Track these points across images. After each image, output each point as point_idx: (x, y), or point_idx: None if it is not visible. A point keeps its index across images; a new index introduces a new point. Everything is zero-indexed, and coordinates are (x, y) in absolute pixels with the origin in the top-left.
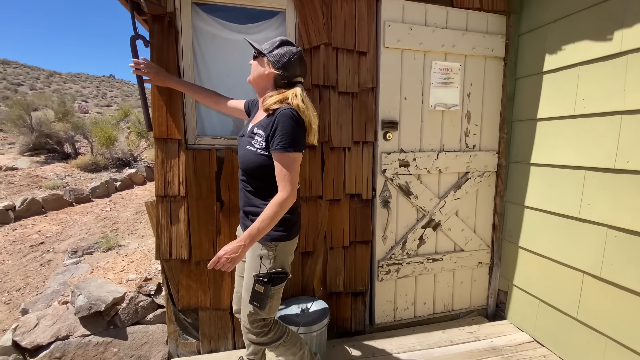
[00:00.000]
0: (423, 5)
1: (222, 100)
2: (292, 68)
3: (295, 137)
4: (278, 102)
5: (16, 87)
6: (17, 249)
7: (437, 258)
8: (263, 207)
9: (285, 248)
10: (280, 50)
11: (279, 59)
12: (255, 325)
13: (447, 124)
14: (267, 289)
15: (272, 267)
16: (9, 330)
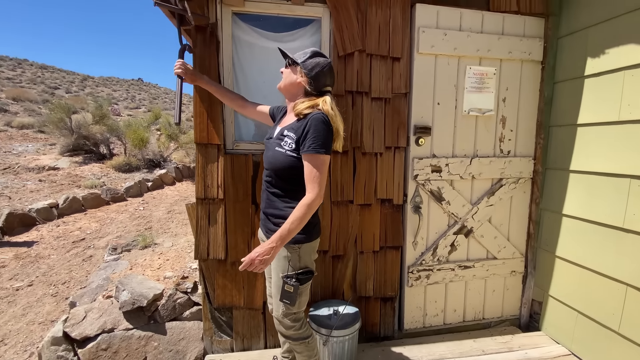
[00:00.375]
0: (458, 10)
1: (247, 104)
2: (323, 78)
3: (326, 140)
4: (309, 108)
5: (53, 90)
6: (61, 245)
7: (468, 265)
8: (286, 209)
9: (308, 249)
10: (313, 61)
11: (311, 69)
12: (288, 318)
13: (481, 129)
14: (297, 288)
15: (298, 268)
16: (59, 322)
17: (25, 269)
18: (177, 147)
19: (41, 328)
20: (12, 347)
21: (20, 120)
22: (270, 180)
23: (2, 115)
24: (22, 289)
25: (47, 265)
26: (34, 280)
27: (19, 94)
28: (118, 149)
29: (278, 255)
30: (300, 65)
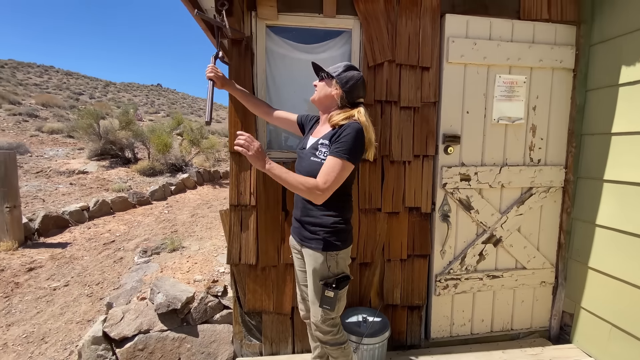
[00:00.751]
0: (488, 19)
1: (271, 111)
2: (357, 90)
3: (354, 148)
4: (346, 119)
5: (78, 96)
6: (92, 246)
7: (497, 275)
8: (322, 217)
9: (344, 254)
10: (347, 74)
11: (346, 82)
12: (326, 323)
13: (510, 137)
14: (336, 293)
15: (336, 274)
16: (98, 322)
17: (61, 270)
18: (198, 152)
19: (79, 327)
20: (53, 345)
21: (50, 126)
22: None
23: (33, 121)
24: (59, 288)
25: (81, 266)
26: (70, 280)
27: (48, 99)
28: (142, 153)
29: (316, 262)
30: (335, 78)
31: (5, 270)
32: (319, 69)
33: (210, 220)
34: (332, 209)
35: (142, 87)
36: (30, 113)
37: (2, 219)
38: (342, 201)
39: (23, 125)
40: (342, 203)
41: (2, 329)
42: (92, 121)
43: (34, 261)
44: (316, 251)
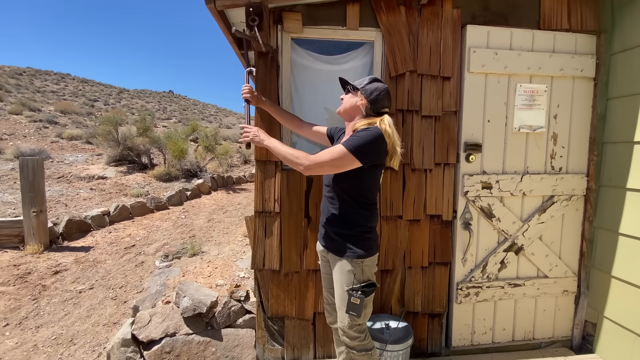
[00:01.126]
0: (508, 30)
1: (303, 125)
2: (381, 101)
3: (363, 145)
4: (367, 124)
5: (93, 102)
6: (114, 250)
7: (518, 283)
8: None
9: (370, 262)
10: (372, 86)
11: (371, 93)
12: (353, 329)
13: (531, 146)
14: (362, 300)
15: (362, 281)
16: (126, 324)
17: (86, 273)
18: (212, 158)
19: (105, 330)
20: (81, 347)
21: (69, 132)
22: (332, 195)
23: (53, 127)
24: (85, 291)
25: (105, 270)
26: (94, 283)
27: (66, 106)
28: (157, 159)
29: (342, 270)
30: (360, 90)
31: (32, 273)
32: (346, 82)
33: (227, 225)
34: (357, 216)
35: (155, 93)
36: (50, 120)
37: (29, 223)
38: (366, 209)
39: (44, 131)
40: (367, 211)
41: (32, 331)
42: (111, 128)
43: (60, 264)
44: (342, 258)
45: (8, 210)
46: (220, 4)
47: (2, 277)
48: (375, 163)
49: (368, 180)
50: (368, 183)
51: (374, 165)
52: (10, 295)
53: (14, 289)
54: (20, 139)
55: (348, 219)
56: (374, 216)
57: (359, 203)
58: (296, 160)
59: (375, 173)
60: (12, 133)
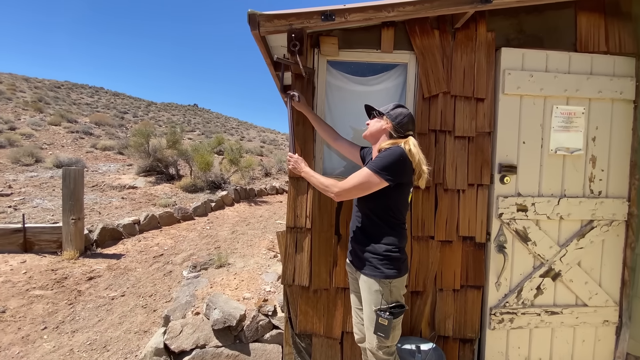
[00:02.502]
0: (544, 52)
1: (339, 139)
2: (406, 124)
3: (386, 165)
4: (391, 144)
5: (123, 115)
6: (144, 259)
7: (556, 311)
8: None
9: (398, 283)
10: (397, 111)
11: (395, 117)
12: (382, 351)
13: (569, 168)
14: (390, 321)
15: (390, 302)
16: (159, 334)
17: (117, 280)
18: (236, 170)
19: (137, 337)
20: (114, 354)
21: (103, 143)
22: (360, 214)
23: (88, 138)
24: (117, 298)
25: (135, 278)
26: (126, 291)
27: (100, 118)
28: (184, 170)
29: (369, 290)
30: (385, 114)
31: (68, 278)
32: (371, 108)
33: (250, 237)
34: (385, 236)
35: (180, 107)
36: (85, 131)
37: (68, 229)
38: (393, 228)
39: (80, 142)
40: (394, 230)
41: (68, 335)
42: (142, 140)
43: (93, 270)
44: (370, 277)
45: (47, 216)
46: (264, 30)
47: (41, 281)
48: (400, 182)
49: (395, 199)
50: (395, 202)
51: (400, 184)
52: (49, 299)
53: (52, 293)
54: (58, 148)
55: (375, 237)
56: (402, 236)
57: (386, 222)
58: (326, 189)
59: (402, 192)
60: (52, 143)
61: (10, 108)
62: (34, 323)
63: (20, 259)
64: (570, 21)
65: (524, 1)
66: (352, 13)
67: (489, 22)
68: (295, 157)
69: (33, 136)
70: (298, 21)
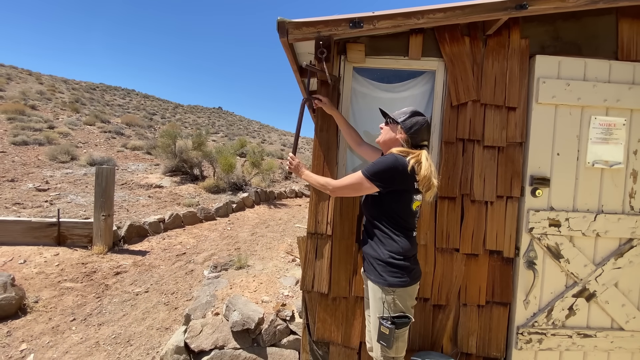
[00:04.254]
0: (582, 60)
1: (363, 144)
2: (420, 134)
3: (377, 170)
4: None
5: (151, 116)
6: (167, 257)
7: (589, 334)
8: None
9: (404, 293)
10: (412, 120)
11: (410, 127)
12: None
13: (607, 183)
14: (392, 331)
15: (393, 311)
16: (179, 332)
17: (142, 276)
18: (257, 173)
19: (159, 334)
20: (137, 349)
21: (133, 143)
22: (366, 221)
23: (119, 138)
24: (141, 294)
25: (158, 275)
26: (149, 287)
27: (131, 119)
28: (207, 171)
29: (374, 297)
30: (400, 124)
31: (97, 272)
32: (386, 114)
33: (269, 240)
34: (388, 241)
35: (205, 109)
36: (117, 131)
37: (98, 225)
38: (397, 235)
39: (111, 141)
40: (399, 237)
41: (95, 328)
42: (170, 141)
43: (120, 266)
44: (375, 284)
45: (80, 211)
46: (292, 38)
47: (72, 273)
48: (392, 189)
49: (392, 205)
50: (395, 208)
51: (395, 191)
52: (78, 292)
53: (81, 286)
54: (92, 147)
55: (379, 243)
56: (408, 244)
57: (389, 229)
58: (323, 186)
59: (400, 199)
60: (86, 142)
61: (50, 108)
62: (64, 314)
63: (53, 252)
64: (611, 28)
65: (561, 7)
66: (380, 20)
67: (523, 28)
68: (297, 161)
69: (69, 135)
70: (326, 29)
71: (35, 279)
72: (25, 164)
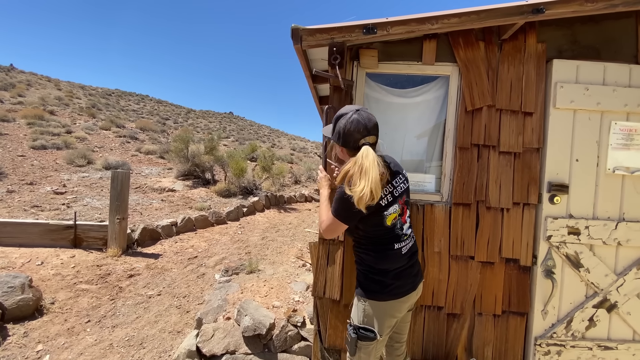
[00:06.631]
0: (601, 64)
1: None
2: (349, 136)
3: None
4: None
5: (165, 121)
6: (179, 260)
7: (610, 346)
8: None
9: (377, 308)
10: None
11: (339, 137)
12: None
13: (629, 190)
14: (354, 340)
15: (360, 322)
16: (191, 336)
17: (155, 279)
18: (267, 177)
19: (171, 337)
20: (149, 352)
21: (147, 147)
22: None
23: (133, 142)
24: (153, 297)
25: (171, 278)
26: (162, 290)
27: (145, 124)
28: (218, 175)
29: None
30: (332, 139)
31: (111, 275)
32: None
33: (279, 244)
34: (364, 256)
35: (217, 114)
36: (131, 135)
37: (113, 228)
38: (373, 250)
39: (126, 145)
40: (374, 252)
41: (109, 330)
42: (182, 146)
43: (133, 268)
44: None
45: (95, 214)
46: (306, 44)
47: (87, 275)
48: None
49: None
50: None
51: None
52: (93, 294)
53: (96, 288)
54: (108, 151)
55: (359, 256)
56: (387, 258)
57: (364, 245)
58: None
59: (367, 223)
60: (102, 146)
61: (68, 113)
62: (79, 316)
63: (70, 254)
64: (631, 31)
65: (579, 11)
66: (394, 26)
67: (540, 32)
68: (322, 175)
69: (86, 139)
70: (339, 35)
71: (52, 280)
72: (44, 168)
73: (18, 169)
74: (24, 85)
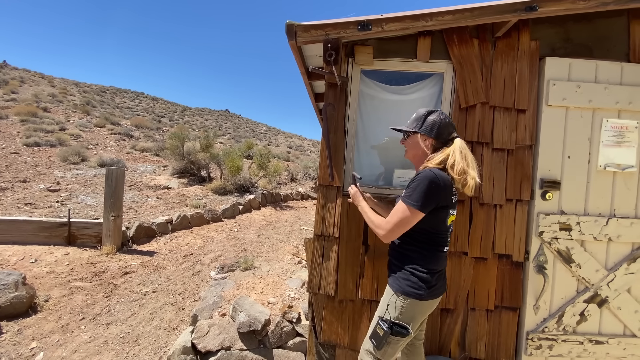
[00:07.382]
0: (593, 62)
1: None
2: (445, 129)
3: (419, 196)
4: (441, 159)
5: (160, 118)
6: (175, 257)
7: (601, 340)
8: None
9: (417, 307)
10: (429, 121)
11: (431, 129)
12: (368, 357)
13: (619, 186)
14: (386, 335)
15: (396, 318)
16: (186, 332)
17: (150, 276)
18: (263, 175)
19: (166, 334)
20: (145, 349)
21: (142, 145)
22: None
23: (128, 140)
24: (148, 294)
25: (166, 275)
26: (157, 287)
27: (140, 122)
28: (214, 173)
29: (385, 298)
30: (419, 132)
31: (106, 272)
32: (399, 130)
33: (275, 242)
34: (414, 255)
35: (213, 112)
36: (126, 133)
37: (107, 225)
38: (427, 249)
39: (121, 143)
40: (427, 251)
41: (104, 327)
42: (178, 144)
43: (128, 266)
44: (390, 287)
45: (90, 212)
46: (301, 41)
47: (81, 273)
48: (433, 207)
49: (427, 223)
50: (429, 226)
51: (434, 209)
52: (87, 291)
53: (91, 285)
54: (102, 149)
55: (405, 254)
56: (435, 259)
57: (419, 244)
58: (375, 229)
59: (436, 216)
60: (96, 143)
61: (62, 110)
62: (73, 313)
63: (64, 251)
64: (623, 30)
65: (572, 9)
66: (389, 23)
67: (533, 30)
68: (354, 190)
69: (80, 137)
70: (334, 31)
71: (46, 277)
72: (37, 165)
73: (11, 166)
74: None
